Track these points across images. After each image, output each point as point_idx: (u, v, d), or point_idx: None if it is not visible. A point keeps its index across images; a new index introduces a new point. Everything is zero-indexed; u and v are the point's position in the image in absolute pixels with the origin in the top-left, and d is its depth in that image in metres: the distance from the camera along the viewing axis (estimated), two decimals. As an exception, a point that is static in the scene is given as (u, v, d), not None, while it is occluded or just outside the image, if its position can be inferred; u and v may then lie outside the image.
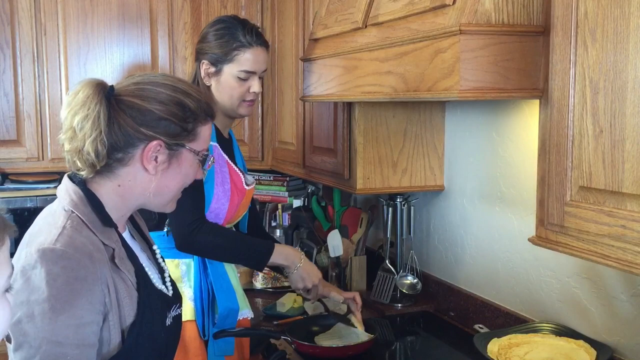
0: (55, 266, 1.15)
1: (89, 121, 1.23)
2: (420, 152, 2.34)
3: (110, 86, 1.29)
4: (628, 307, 1.68)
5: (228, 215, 2.02)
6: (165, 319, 1.37)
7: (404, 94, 1.60)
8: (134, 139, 1.27)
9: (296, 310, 2.41)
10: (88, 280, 1.17)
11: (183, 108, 1.30)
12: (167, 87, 1.30)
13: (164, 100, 1.28)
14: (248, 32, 1.99)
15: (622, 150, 1.17)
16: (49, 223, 1.25)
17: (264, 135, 3.10)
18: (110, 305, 1.22)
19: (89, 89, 1.25)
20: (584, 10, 1.24)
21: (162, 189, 1.33)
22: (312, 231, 2.96)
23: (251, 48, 1.99)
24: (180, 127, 1.30)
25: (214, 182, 1.95)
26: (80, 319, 1.16)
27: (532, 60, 1.42)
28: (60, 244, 1.18)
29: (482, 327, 2.10)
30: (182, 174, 1.34)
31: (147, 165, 1.28)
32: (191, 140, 1.32)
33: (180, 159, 1.32)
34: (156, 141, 1.27)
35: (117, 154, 1.27)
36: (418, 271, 2.46)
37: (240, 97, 2.01)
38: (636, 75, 1.14)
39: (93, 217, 1.26)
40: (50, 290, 1.14)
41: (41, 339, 1.14)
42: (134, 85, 1.30)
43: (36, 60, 2.85)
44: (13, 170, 2.88)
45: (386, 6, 1.73)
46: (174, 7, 2.99)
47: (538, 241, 1.40)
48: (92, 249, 1.21)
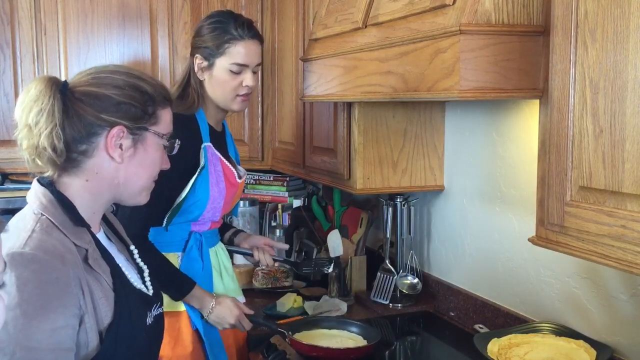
0: (25, 270, 1.13)
1: (43, 115, 1.22)
2: (420, 152, 2.34)
3: (64, 81, 1.27)
4: (628, 307, 1.68)
5: (223, 211, 2.06)
6: (145, 319, 1.35)
7: (404, 94, 1.60)
8: (95, 127, 1.25)
9: (296, 310, 2.41)
10: (60, 283, 1.15)
11: (140, 91, 1.29)
12: (122, 73, 1.30)
13: (120, 85, 1.27)
14: (239, 25, 1.99)
15: (622, 150, 1.17)
16: (19, 227, 1.22)
17: (264, 135, 3.10)
18: (85, 307, 1.19)
19: (41, 85, 1.23)
20: (584, 10, 1.24)
21: (131, 177, 1.31)
22: (312, 231, 2.96)
23: (242, 41, 1.99)
24: (140, 110, 1.28)
25: (209, 183, 1.96)
26: (53, 323, 1.14)
27: (532, 60, 1.42)
28: (30, 248, 1.16)
29: (482, 327, 2.10)
30: (150, 160, 1.32)
31: (113, 153, 1.26)
32: (153, 123, 1.31)
33: (145, 143, 1.30)
34: (118, 126, 1.25)
35: (80, 146, 1.25)
36: (418, 271, 2.46)
37: (233, 91, 2.00)
38: (636, 75, 1.14)
39: (64, 219, 1.24)
40: (21, 295, 1.11)
41: (14, 345, 1.11)
42: (87, 76, 1.29)
43: (36, 60, 2.84)
44: (13, 170, 2.88)
45: (386, 6, 1.73)
46: (174, 7, 2.99)
47: (538, 241, 1.40)
48: (63, 251, 1.18)
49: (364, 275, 2.64)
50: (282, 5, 2.85)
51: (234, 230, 2.30)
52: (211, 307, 1.95)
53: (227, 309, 1.96)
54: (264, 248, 2.20)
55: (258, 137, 3.10)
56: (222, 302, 1.97)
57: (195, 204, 1.94)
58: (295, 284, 2.77)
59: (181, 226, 1.97)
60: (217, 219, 2.03)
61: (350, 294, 2.57)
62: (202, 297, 1.95)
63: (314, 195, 3.06)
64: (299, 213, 3.05)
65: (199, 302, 1.95)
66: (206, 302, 1.95)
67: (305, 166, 2.65)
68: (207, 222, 2.02)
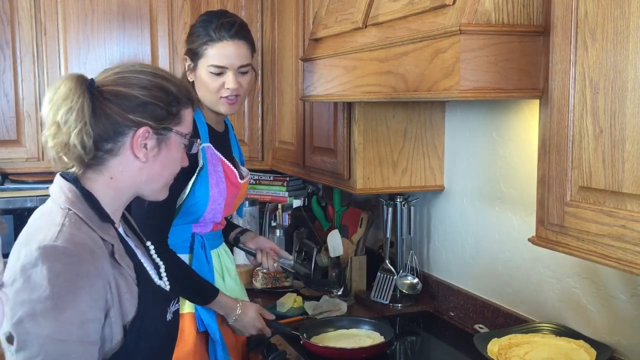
0: (57, 263, 1.14)
1: (72, 114, 1.22)
2: (420, 152, 2.34)
3: (91, 79, 1.28)
4: (628, 307, 1.68)
5: (225, 212, 2.04)
6: (165, 314, 1.37)
7: (404, 94, 1.60)
8: (122, 127, 1.26)
9: (296, 310, 2.41)
10: (90, 276, 1.17)
11: (166, 92, 1.31)
12: (148, 73, 1.31)
13: (146, 86, 1.28)
14: (219, 27, 1.94)
15: (622, 150, 1.17)
16: (47, 221, 1.24)
17: (264, 135, 3.10)
18: (112, 301, 1.21)
19: (71, 83, 1.24)
20: (584, 10, 1.24)
21: (154, 176, 1.33)
22: (312, 231, 2.96)
23: (219, 42, 1.94)
24: (165, 110, 1.30)
25: (209, 184, 1.95)
26: (83, 316, 1.15)
27: (532, 60, 1.42)
28: (61, 241, 1.17)
29: (482, 327, 2.10)
30: (172, 159, 1.34)
31: (138, 153, 1.28)
32: (177, 123, 1.33)
33: (168, 143, 1.33)
34: (144, 127, 1.27)
35: (106, 144, 1.27)
36: (418, 271, 2.46)
37: (216, 93, 1.97)
38: (636, 75, 1.14)
39: (90, 214, 1.26)
40: (52, 288, 1.13)
41: (44, 337, 1.13)
42: (114, 75, 1.30)
43: (36, 60, 2.84)
44: (13, 170, 2.88)
45: (386, 6, 1.73)
46: (174, 7, 2.99)
47: (538, 241, 1.40)
48: (93, 245, 1.20)
49: (364, 275, 2.64)
50: (282, 5, 2.85)
51: (242, 229, 2.30)
52: (237, 314, 1.98)
53: (250, 320, 2.01)
54: (269, 252, 2.20)
55: (258, 137, 3.10)
56: (247, 313, 2.00)
57: (195, 205, 1.93)
58: (295, 284, 2.77)
59: (182, 227, 1.96)
60: (218, 220, 2.02)
61: (350, 294, 2.57)
62: (226, 304, 1.97)
63: (314, 195, 3.06)
64: (299, 213, 3.05)
65: (223, 309, 1.97)
66: (230, 309, 1.98)
67: (305, 166, 2.65)
68: (209, 224, 2.01)
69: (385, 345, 2.03)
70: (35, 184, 2.85)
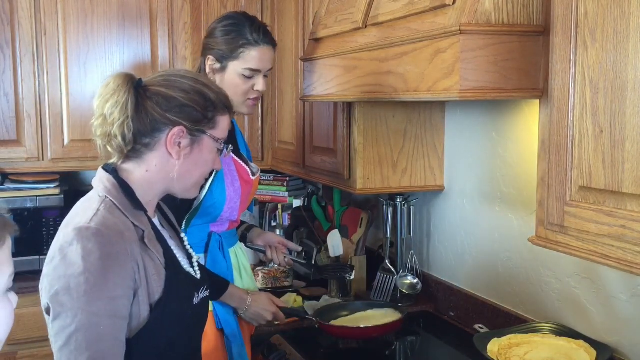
0: (90, 243, 1.25)
1: (117, 107, 1.34)
2: (420, 152, 2.34)
3: (139, 79, 1.40)
4: (628, 307, 1.68)
5: (240, 210, 2.06)
6: (192, 298, 1.46)
7: (404, 94, 1.60)
8: (159, 124, 1.37)
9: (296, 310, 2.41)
10: (120, 257, 1.27)
11: (204, 97, 1.41)
12: (190, 79, 1.42)
13: (187, 89, 1.40)
14: (255, 30, 1.98)
15: (622, 150, 1.17)
16: (85, 207, 1.35)
17: (264, 135, 3.10)
18: (140, 281, 1.30)
19: (119, 80, 1.36)
20: (584, 10, 1.24)
21: (185, 174, 1.42)
22: (312, 231, 2.96)
23: (258, 46, 1.98)
24: (201, 114, 1.40)
25: (225, 184, 1.96)
26: (112, 292, 1.25)
27: (532, 60, 1.42)
28: (95, 223, 1.28)
29: (482, 327, 2.10)
30: (203, 160, 1.44)
31: (171, 150, 1.38)
32: (211, 127, 1.43)
33: (201, 145, 1.42)
34: (179, 126, 1.38)
35: (144, 139, 1.38)
36: (418, 271, 2.46)
37: (243, 95, 2.01)
38: (636, 75, 1.14)
39: (125, 202, 1.36)
40: (85, 265, 1.23)
41: (77, 308, 1.23)
42: (160, 77, 1.42)
43: (36, 60, 2.84)
44: (13, 170, 2.88)
45: (386, 6, 1.73)
46: (174, 7, 2.99)
47: (538, 241, 1.40)
48: (123, 229, 1.31)
49: (364, 275, 2.64)
50: (282, 5, 2.85)
51: (247, 225, 2.30)
52: (247, 304, 1.99)
53: (263, 306, 2.02)
54: (278, 247, 2.21)
55: (258, 137, 3.10)
56: (258, 300, 2.01)
57: (213, 205, 1.95)
58: (295, 284, 2.77)
59: (200, 227, 1.98)
60: (235, 218, 2.04)
61: (350, 294, 2.57)
62: (238, 296, 1.98)
63: (314, 195, 3.07)
64: (299, 213, 3.05)
65: (236, 300, 1.98)
66: (242, 300, 1.99)
67: (305, 166, 2.65)
68: (226, 222, 2.03)
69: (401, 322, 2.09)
70: (35, 184, 2.85)
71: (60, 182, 2.92)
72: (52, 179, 2.90)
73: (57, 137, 2.89)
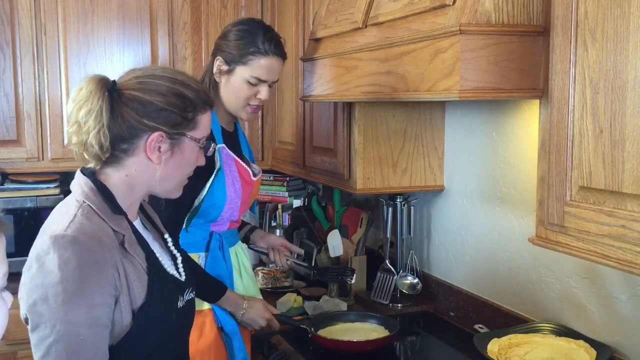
0: (67, 251, 1.22)
1: (92, 115, 1.29)
2: (420, 152, 2.34)
3: (113, 81, 1.34)
4: (628, 307, 1.68)
5: (241, 210, 2.06)
6: (176, 302, 1.43)
7: (404, 94, 1.60)
8: (137, 130, 1.33)
9: (296, 310, 2.41)
10: (98, 263, 1.24)
11: (182, 98, 1.36)
12: (166, 79, 1.36)
13: (163, 92, 1.34)
14: (268, 40, 1.98)
15: (622, 150, 1.17)
16: (62, 213, 1.32)
17: (264, 135, 3.10)
18: (120, 287, 1.27)
19: (92, 85, 1.31)
20: (584, 10, 1.24)
21: (167, 177, 1.39)
22: (312, 231, 2.96)
23: (267, 56, 1.98)
24: (180, 116, 1.36)
25: (226, 185, 1.97)
26: (91, 300, 1.22)
27: (532, 60, 1.42)
28: (71, 231, 1.25)
29: (482, 327, 2.10)
30: (185, 162, 1.41)
31: (151, 155, 1.35)
32: (192, 129, 1.38)
33: (182, 147, 1.38)
34: (158, 132, 1.33)
35: (122, 144, 1.33)
36: (418, 271, 2.46)
37: (246, 100, 2.01)
38: (636, 75, 1.14)
39: (103, 206, 1.33)
40: (62, 274, 1.20)
41: (55, 319, 1.20)
42: (134, 79, 1.36)
43: (36, 60, 2.84)
44: (13, 170, 2.88)
45: (386, 6, 1.73)
46: (174, 7, 2.99)
47: (538, 241, 1.40)
48: (101, 235, 1.27)
49: (364, 275, 2.64)
50: (282, 5, 2.85)
51: (250, 226, 2.31)
52: (243, 309, 2.00)
53: (258, 312, 2.03)
54: (280, 249, 2.21)
55: (258, 137, 3.10)
56: (253, 306, 2.03)
57: (213, 205, 1.96)
58: (295, 284, 2.77)
59: (201, 227, 1.99)
60: (235, 219, 2.05)
61: (350, 294, 2.57)
62: (234, 301, 2.00)
63: (314, 195, 3.06)
64: (299, 213, 3.05)
65: (231, 305, 1.99)
66: (238, 305, 2.00)
67: (305, 166, 2.65)
68: (226, 222, 2.04)
69: (391, 338, 2.07)
70: (35, 184, 2.85)
71: (60, 182, 2.92)
72: (52, 179, 2.91)
73: (57, 137, 2.89)
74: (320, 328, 2.13)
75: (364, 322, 2.21)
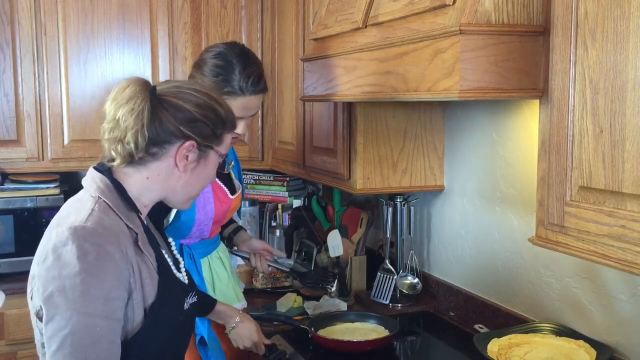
0: (87, 242, 1.23)
1: (133, 115, 1.32)
2: (420, 152, 2.34)
3: (153, 86, 1.39)
4: (628, 307, 1.68)
5: (213, 230, 2.04)
6: (183, 303, 1.45)
7: (404, 94, 1.60)
8: (171, 137, 1.36)
9: (296, 310, 2.41)
10: (116, 257, 1.25)
11: (216, 113, 1.41)
12: (203, 94, 1.42)
13: (201, 104, 1.39)
14: (245, 77, 1.86)
15: (622, 150, 1.17)
16: (77, 207, 1.32)
17: (264, 135, 3.10)
18: (134, 284, 1.29)
19: (137, 86, 1.34)
20: (584, 10, 1.24)
21: (187, 186, 1.43)
22: (312, 231, 2.96)
23: (243, 96, 1.86)
24: (212, 130, 1.41)
25: (195, 208, 1.93)
26: (108, 293, 1.23)
27: (532, 60, 1.42)
28: (91, 223, 1.26)
29: (482, 327, 2.10)
30: (206, 174, 1.45)
31: (179, 163, 1.38)
32: (218, 144, 1.44)
33: (207, 160, 1.43)
34: (191, 141, 1.37)
35: (153, 148, 1.36)
36: (418, 271, 2.46)
37: None
38: (636, 75, 1.14)
39: (118, 203, 1.35)
40: (81, 265, 1.21)
41: (72, 310, 1.20)
42: (175, 88, 1.40)
43: (36, 60, 2.84)
44: (13, 170, 2.88)
45: (386, 6, 1.73)
46: (174, 7, 2.99)
47: (538, 241, 1.40)
48: (118, 231, 1.29)
49: (364, 275, 2.64)
50: (282, 5, 2.85)
51: (235, 227, 2.28)
52: (235, 324, 1.93)
53: (247, 333, 1.95)
54: (262, 253, 2.20)
55: (258, 137, 3.10)
56: (244, 324, 1.94)
57: (180, 227, 1.93)
58: (295, 284, 2.77)
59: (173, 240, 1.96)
60: (206, 236, 2.02)
61: (350, 294, 2.57)
62: (225, 314, 1.93)
63: (314, 195, 3.06)
64: (299, 213, 3.05)
65: (222, 318, 1.93)
66: (230, 319, 1.93)
67: (305, 166, 2.65)
68: (196, 239, 2.02)
69: (391, 338, 2.08)
70: (35, 184, 2.85)
71: (60, 182, 2.92)
72: (52, 179, 2.91)
73: (57, 137, 2.89)
74: (320, 328, 2.14)
75: (364, 322, 2.21)
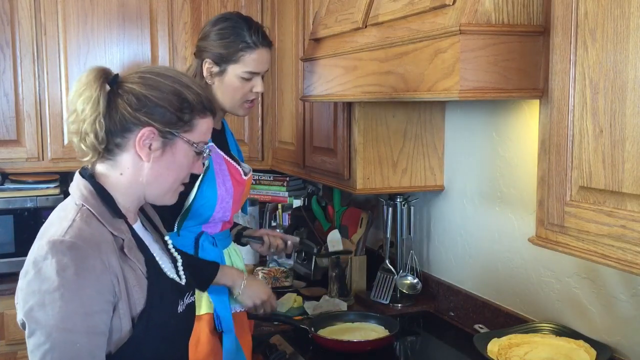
0: (65, 257, 1.20)
1: (89, 103, 1.29)
2: (420, 152, 2.34)
3: (115, 74, 1.34)
4: (628, 307, 1.68)
5: (233, 210, 2.04)
6: (176, 307, 1.41)
7: (404, 94, 1.60)
8: (129, 124, 1.31)
9: (296, 310, 2.41)
10: (96, 270, 1.22)
11: (180, 98, 1.34)
12: (168, 77, 1.35)
13: (162, 89, 1.33)
14: (254, 33, 1.97)
15: (622, 150, 1.17)
16: (61, 217, 1.30)
17: (264, 135, 3.10)
18: (120, 294, 1.26)
19: (92, 74, 1.31)
20: (584, 10, 1.24)
21: (156, 178, 1.36)
22: (312, 231, 2.96)
23: (257, 49, 1.97)
24: (175, 116, 1.33)
25: (216, 184, 1.95)
26: (89, 307, 1.21)
27: (532, 60, 1.42)
28: (69, 236, 1.23)
29: (482, 327, 2.10)
30: (177, 164, 1.37)
31: (141, 152, 1.32)
32: (186, 130, 1.36)
33: (174, 148, 1.35)
34: (149, 127, 1.31)
35: (115, 138, 1.32)
36: (418, 271, 2.46)
37: (243, 98, 2.00)
38: (636, 75, 1.14)
39: (102, 210, 1.31)
40: (60, 280, 1.19)
41: (51, 326, 1.18)
42: (136, 74, 1.36)
43: (36, 60, 2.85)
44: (13, 170, 2.88)
45: (386, 6, 1.73)
46: (174, 7, 2.99)
47: (538, 241, 1.40)
48: (100, 240, 1.26)
49: (364, 275, 2.64)
50: (282, 5, 2.85)
51: (241, 226, 2.30)
52: (243, 283, 1.96)
53: (258, 288, 1.99)
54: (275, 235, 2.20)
55: (258, 137, 3.10)
56: (253, 282, 2.00)
57: (204, 205, 1.93)
58: (295, 284, 2.77)
59: (193, 229, 1.96)
60: (228, 219, 2.02)
61: (350, 294, 2.57)
62: (232, 274, 1.96)
63: (314, 195, 3.06)
64: (299, 213, 3.05)
65: (230, 279, 1.95)
66: (237, 278, 1.96)
67: (305, 166, 2.65)
68: (219, 223, 2.01)
69: (391, 338, 2.08)
70: (35, 184, 2.85)
71: (60, 182, 2.92)
72: (52, 179, 2.91)
73: (57, 137, 2.89)
74: (320, 328, 2.14)
75: (364, 322, 2.21)
